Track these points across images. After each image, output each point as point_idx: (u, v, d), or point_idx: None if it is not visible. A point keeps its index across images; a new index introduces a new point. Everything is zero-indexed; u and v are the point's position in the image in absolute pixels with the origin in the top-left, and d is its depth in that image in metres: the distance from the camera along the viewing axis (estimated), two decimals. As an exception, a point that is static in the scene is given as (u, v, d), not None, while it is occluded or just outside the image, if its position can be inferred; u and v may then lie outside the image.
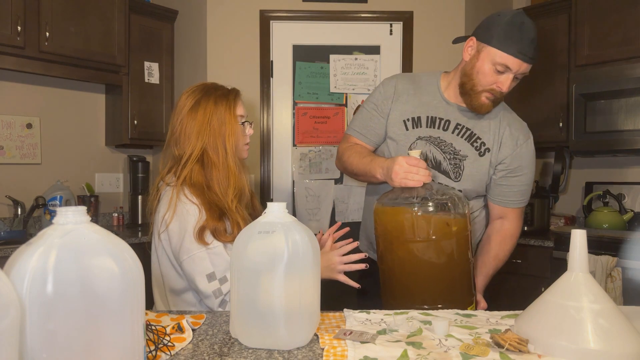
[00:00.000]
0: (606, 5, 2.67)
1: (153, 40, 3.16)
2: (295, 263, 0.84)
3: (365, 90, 3.06)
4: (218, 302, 1.20)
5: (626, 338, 0.75)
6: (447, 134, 1.46)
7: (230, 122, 1.31)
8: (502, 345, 0.79)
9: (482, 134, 1.46)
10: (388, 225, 1.24)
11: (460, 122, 1.46)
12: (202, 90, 1.34)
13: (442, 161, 1.46)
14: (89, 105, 3.17)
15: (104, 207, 3.25)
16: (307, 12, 3.00)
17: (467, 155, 1.45)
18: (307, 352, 0.82)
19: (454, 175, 1.46)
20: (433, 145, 1.46)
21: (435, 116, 1.47)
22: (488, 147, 1.45)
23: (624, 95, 2.55)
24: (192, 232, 1.20)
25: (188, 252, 1.20)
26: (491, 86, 1.36)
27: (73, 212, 0.60)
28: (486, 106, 1.40)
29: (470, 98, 1.40)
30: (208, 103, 1.31)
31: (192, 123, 1.29)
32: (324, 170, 3.08)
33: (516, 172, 1.46)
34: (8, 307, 0.49)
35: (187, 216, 1.21)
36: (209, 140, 1.29)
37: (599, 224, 2.69)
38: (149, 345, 0.79)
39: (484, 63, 1.35)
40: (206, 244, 1.19)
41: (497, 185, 1.49)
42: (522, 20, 1.31)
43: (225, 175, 1.29)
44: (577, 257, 0.82)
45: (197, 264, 1.19)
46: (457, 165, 1.45)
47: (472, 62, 1.38)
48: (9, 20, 2.44)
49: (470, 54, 1.39)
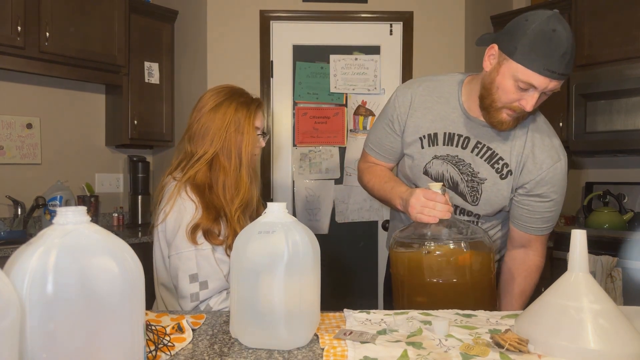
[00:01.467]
0: (606, 5, 2.67)
1: (153, 40, 3.16)
2: (295, 263, 0.84)
3: (365, 90, 3.06)
4: (192, 306, 1.20)
5: (626, 338, 0.75)
6: (465, 153, 1.31)
7: (247, 131, 1.30)
8: (502, 345, 0.79)
9: (505, 154, 1.28)
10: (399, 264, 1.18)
11: (481, 140, 1.30)
12: (227, 94, 1.33)
13: (459, 182, 1.33)
14: (89, 105, 3.17)
15: (104, 207, 3.25)
16: (307, 12, 3.00)
17: (486, 178, 1.30)
18: (307, 352, 0.82)
19: (471, 199, 1.33)
20: (450, 165, 1.33)
21: (453, 133, 1.31)
22: (511, 169, 1.28)
23: (624, 95, 2.55)
24: (185, 228, 1.21)
25: (177, 249, 1.21)
26: (513, 104, 1.17)
27: (73, 212, 0.60)
28: (507, 123, 1.21)
29: (489, 114, 1.22)
30: (229, 108, 1.30)
31: (209, 124, 1.29)
32: (324, 170, 3.08)
33: (541, 198, 1.29)
34: (8, 308, 0.49)
35: (183, 212, 1.22)
36: (223, 145, 1.28)
37: (599, 224, 2.69)
38: (149, 345, 0.79)
39: (505, 78, 1.15)
40: (196, 244, 1.20)
41: (517, 207, 1.32)
42: (553, 28, 1.07)
43: (234, 183, 1.28)
44: (577, 257, 0.82)
45: (183, 262, 1.20)
46: (475, 188, 1.32)
47: (492, 76, 1.18)
48: (9, 20, 2.44)
49: (491, 64, 1.20)
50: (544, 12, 1.11)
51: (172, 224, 1.23)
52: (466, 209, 1.36)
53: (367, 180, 1.45)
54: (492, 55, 1.20)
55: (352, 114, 3.09)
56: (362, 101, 3.08)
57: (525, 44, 1.09)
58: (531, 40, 1.09)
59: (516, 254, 1.37)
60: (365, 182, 1.47)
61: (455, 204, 1.35)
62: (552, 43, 1.07)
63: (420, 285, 1.14)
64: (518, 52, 1.11)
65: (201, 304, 1.20)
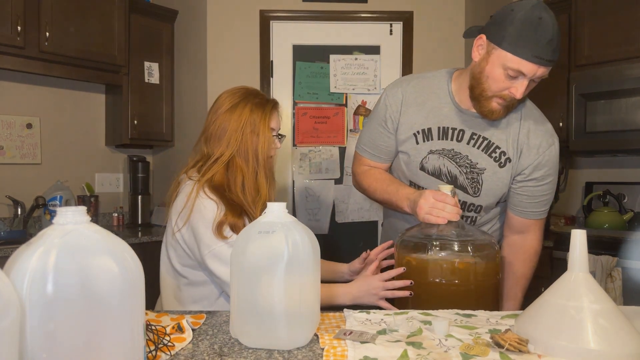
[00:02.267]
0: (606, 5, 2.67)
1: (153, 40, 3.16)
2: (295, 263, 0.84)
3: (365, 90, 3.06)
4: None
5: (626, 338, 0.75)
6: (461, 145, 1.33)
7: (263, 132, 1.30)
8: (502, 345, 0.79)
9: (501, 142, 1.31)
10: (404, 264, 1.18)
11: (476, 131, 1.31)
12: (242, 95, 1.33)
13: (458, 175, 1.34)
14: (89, 105, 3.17)
15: (104, 207, 3.25)
16: (307, 12, 3.00)
17: (485, 168, 1.32)
18: (307, 352, 0.82)
19: (472, 191, 1.34)
20: (447, 159, 1.34)
21: (447, 126, 1.33)
22: (509, 156, 1.30)
23: (624, 95, 2.55)
24: (210, 227, 1.20)
25: (208, 247, 1.20)
26: (503, 92, 1.20)
27: (73, 212, 0.60)
28: (497, 112, 1.24)
29: (480, 104, 1.25)
30: (245, 109, 1.30)
31: (225, 125, 1.29)
32: (324, 170, 3.08)
33: (538, 182, 1.32)
34: (8, 307, 0.49)
35: (204, 211, 1.22)
36: (240, 147, 1.28)
37: (599, 224, 2.69)
38: (149, 345, 0.79)
39: (494, 67, 1.18)
40: (225, 238, 1.20)
41: (516, 194, 1.34)
42: (539, 16, 1.12)
43: (253, 185, 1.28)
44: (577, 257, 0.82)
45: (219, 257, 1.19)
46: (475, 179, 1.33)
47: (482, 65, 1.21)
48: (9, 20, 2.44)
49: (480, 54, 1.23)
50: (529, 1, 1.15)
51: (195, 226, 1.22)
52: (467, 202, 1.37)
53: (367, 184, 1.45)
54: (481, 46, 1.23)
55: (352, 113, 3.09)
56: (362, 101, 3.09)
57: (512, 32, 1.13)
58: (518, 28, 1.12)
59: (515, 240, 1.40)
60: (365, 187, 1.46)
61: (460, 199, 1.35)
62: (539, 30, 1.11)
63: (425, 285, 1.14)
64: (506, 40, 1.14)
65: None
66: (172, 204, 1.30)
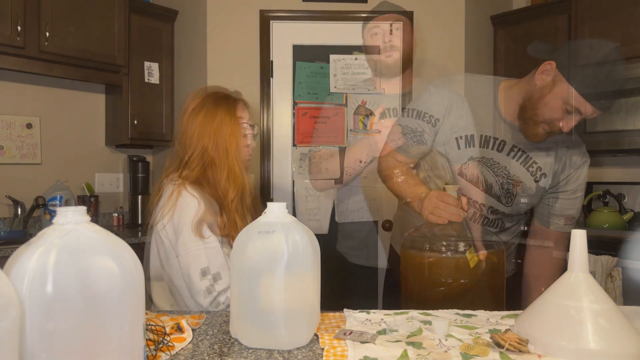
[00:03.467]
0: (606, 5, 2.67)
1: (153, 40, 3.16)
2: (295, 263, 0.84)
3: (365, 90, 3.05)
4: (209, 299, 1.20)
5: (626, 338, 0.75)
6: (501, 156, 1.34)
7: (230, 123, 1.33)
8: (502, 345, 0.79)
9: (539, 158, 1.34)
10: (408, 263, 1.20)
11: (516, 144, 1.33)
12: (204, 93, 1.38)
13: (493, 184, 1.35)
14: (89, 105, 3.17)
15: (104, 207, 3.25)
16: (307, 12, 3.00)
17: (521, 181, 1.34)
18: (307, 352, 0.82)
19: (505, 201, 1.36)
20: (485, 167, 1.35)
21: (489, 136, 1.34)
22: (544, 172, 1.34)
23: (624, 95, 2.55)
24: (190, 224, 1.22)
25: (184, 246, 1.22)
26: (553, 122, 1.22)
27: (73, 212, 0.60)
28: (540, 137, 1.26)
29: (527, 125, 1.26)
30: (209, 105, 1.34)
31: (194, 124, 1.33)
32: (324, 170, 3.08)
33: (569, 196, 1.37)
34: (8, 307, 0.49)
35: (186, 209, 1.24)
36: (210, 140, 1.31)
37: (599, 224, 2.68)
38: (149, 345, 0.79)
39: (556, 98, 1.18)
40: (203, 238, 1.22)
41: (546, 205, 1.38)
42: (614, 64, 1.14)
43: (225, 175, 1.31)
44: (577, 257, 0.82)
45: (193, 258, 1.21)
46: (510, 190, 1.35)
47: (543, 92, 1.21)
48: (9, 20, 2.44)
49: (544, 80, 1.21)
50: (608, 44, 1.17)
51: (177, 222, 1.24)
52: (499, 210, 1.38)
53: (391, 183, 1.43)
54: (547, 72, 1.22)
55: (352, 113, 3.09)
56: (362, 101, 3.08)
57: (587, 73, 1.14)
58: (595, 70, 1.13)
59: (542, 253, 1.44)
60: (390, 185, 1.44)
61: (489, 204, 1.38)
62: (611, 78, 1.14)
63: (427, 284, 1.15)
64: (578, 78, 1.14)
65: (220, 296, 1.21)
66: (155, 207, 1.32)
